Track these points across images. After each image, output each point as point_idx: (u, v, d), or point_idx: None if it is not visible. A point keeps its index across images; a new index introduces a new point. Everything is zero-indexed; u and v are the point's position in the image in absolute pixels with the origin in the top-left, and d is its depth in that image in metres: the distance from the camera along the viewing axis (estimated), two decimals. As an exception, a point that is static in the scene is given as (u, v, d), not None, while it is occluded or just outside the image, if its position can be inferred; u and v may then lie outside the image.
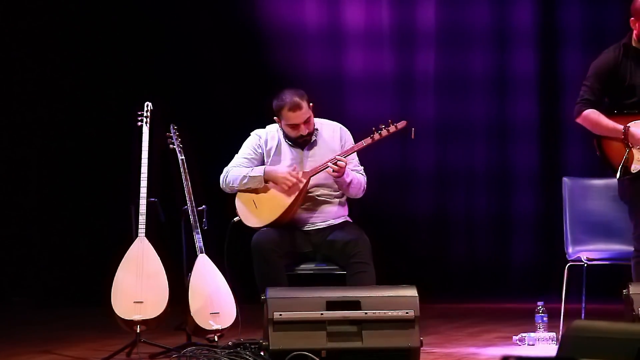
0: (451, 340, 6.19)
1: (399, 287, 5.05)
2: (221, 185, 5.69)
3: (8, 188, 8.43)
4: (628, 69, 5.48)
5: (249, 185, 5.60)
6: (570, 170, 7.94)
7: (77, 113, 8.44)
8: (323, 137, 5.69)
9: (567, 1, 8.53)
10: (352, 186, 5.60)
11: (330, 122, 5.78)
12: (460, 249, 8.66)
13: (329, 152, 5.62)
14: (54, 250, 8.38)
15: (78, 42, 8.42)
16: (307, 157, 5.65)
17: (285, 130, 5.64)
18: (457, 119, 8.64)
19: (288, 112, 5.57)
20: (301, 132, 5.59)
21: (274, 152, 5.67)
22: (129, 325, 5.42)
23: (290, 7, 8.60)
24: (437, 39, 8.62)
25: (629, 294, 5.02)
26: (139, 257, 5.50)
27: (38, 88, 8.41)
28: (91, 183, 8.44)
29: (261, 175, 5.58)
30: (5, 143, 8.41)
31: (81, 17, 8.41)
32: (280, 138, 5.69)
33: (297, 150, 5.67)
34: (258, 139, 5.71)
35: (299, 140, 5.63)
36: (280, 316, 4.91)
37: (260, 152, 5.69)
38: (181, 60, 8.42)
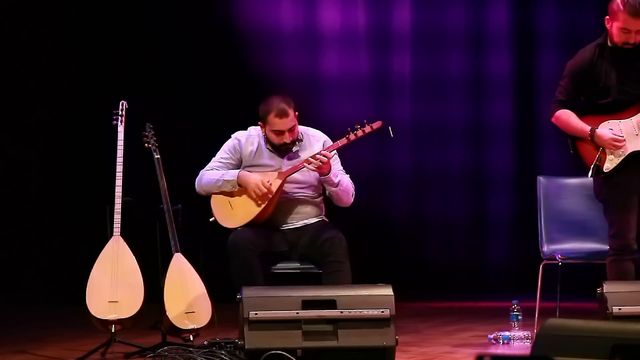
0: (426, 339, 6.21)
1: (375, 286, 5.06)
2: (196, 188, 5.69)
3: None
4: (603, 69, 5.51)
5: (223, 188, 5.60)
6: (546, 170, 7.97)
7: (52, 112, 8.40)
8: (306, 147, 5.68)
9: (543, 3, 8.56)
10: (342, 189, 5.59)
11: (315, 131, 5.76)
12: (436, 248, 8.68)
13: (309, 162, 5.61)
14: (28, 249, 8.34)
15: (53, 41, 8.38)
16: (286, 165, 5.64)
17: (269, 137, 5.62)
18: (433, 120, 8.65)
19: (274, 118, 5.56)
20: (285, 139, 5.59)
21: (252, 157, 5.66)
22: (104, 325, 5.40)
23: (266, 9, 8.59)
24: (413, 41, 8.63)
25: (603, 293, 5.05)
26: (114, 257, 5.48)
27: (9, 88, 8.36)
28: (66, 182, 8.41)
29: (235, 179, 5.58)
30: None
31: (56, 16, 8.37)
32: (260, 142, 5.68)
33: (277, 157, 5.65)
34: (237, 143, 5.69)
35: (282, 147, 5.62)
36: (255, 315, 4.91)
37: (238, 155, 5.68)
38: (157, 60, 8.40)
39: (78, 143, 8.34)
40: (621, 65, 5.50)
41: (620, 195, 5.49)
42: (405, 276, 8.37)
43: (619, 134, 5.45)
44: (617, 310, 4.97)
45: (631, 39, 5.43)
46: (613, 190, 5.51)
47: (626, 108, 5.49)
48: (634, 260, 5.51)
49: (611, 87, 5.51)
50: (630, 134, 5.46)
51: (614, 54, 5.52)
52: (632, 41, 5.43)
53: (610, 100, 5.52)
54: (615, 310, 4.97)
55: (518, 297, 6.03)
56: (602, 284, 5.11)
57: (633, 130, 5.46)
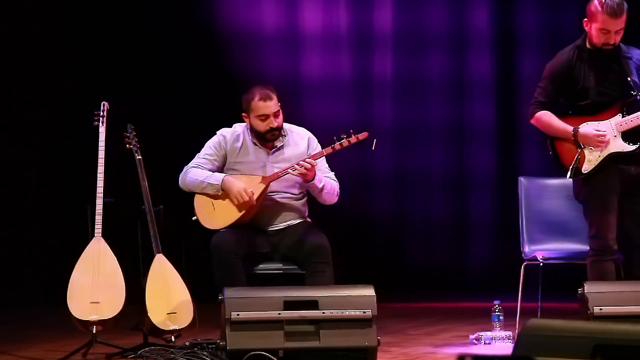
0: (408, 340, 6.21)
1: (357, 287, 5.06)
2: (179, 184, 5.67)
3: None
4: (582, 71, 5.54)
5: (207, 190, 5.59)
6: (526, 171, 7.99)
7: (33, 113, 8.37)
8: (290, 144, 5.68)
9: (524, 4, 8.58)
10: (326, 192, 5.60)
11: (300, 128, 5.76)
12: (418, 249, 8.69)
13: (294, 159, 5.61)
14: (9, 250, 8.30)
15: (33, 43, 8.35)
16: (271, 162, 5.64)
17: (255, 125, 5.60)
18: (414, 121, 8.66)
19: (258, 102, 5.56)
20: (270, 124, 5.57)
21: (237, 153, 5.66)
22: (85, 326, 5.39)
23: (248, 10, 8.59)
24: (395, 42, 8.64)
25: (584, 293, 5.07)
26: (95, 258, 5.47)
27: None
28: (47, 183, 8.38)
29: (218, 184, 5.57)
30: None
31: (36, 18, 8.34)
32: (246, 139, 5.67)
33: (262, 153, 5.64)
34: (222, 139, 5.68)
35: (267, 135, 5.60)
36: (237, 316, 4.91)
37: (223, 152, 5.67)
38: (139, 61, 8.38)
39: (59, 144, 8.32)
40: (599, 67, 5.53)
41: (600, 196, 5.51)
42: (387, 277, 8.39)
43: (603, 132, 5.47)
44: (598, 310, 4.99)
45: (611, 40, 5.45)
46: (593, 191, 5.53)
47: (604, 109, 5.52)
48: (614, 260, 5.53)
49: (590, 89, 5.53)
50: (609, 135, 5.48)
51: (592, 56, 5.54)
52: (611, 42, 5.45)
53: (589, 102, 5.54)
54: (596, 311, 4.99)
55: (499, 297, 6.04)
56: (583, 284, 5.12)
57: (611, 132, 5.48)
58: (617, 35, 5.45)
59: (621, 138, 5.48)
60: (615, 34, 5.44)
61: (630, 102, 5.48)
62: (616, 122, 5.49)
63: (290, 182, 5.64)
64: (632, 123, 5.46)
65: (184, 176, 5.65)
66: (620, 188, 5.51)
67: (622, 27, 5.45)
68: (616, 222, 5.50)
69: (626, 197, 5.53)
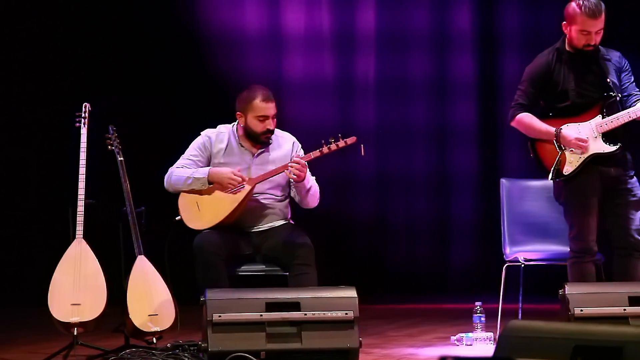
0: (390, 341, 6.22)
1: (339, 288, 5.07)
2: (165, 185, 5.66)
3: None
4: (561, 73, 5.56)
5: (193, 186, 5.58)
6: (508, 172, 8.01)
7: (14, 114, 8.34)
8: (275, 147, 5.68)
9: (506, 6, 8.61)
10: (311, 193, 5.60)
11: (284, 132, 5.77)
12: (400, 251, 8.71)
13: (278, 162, 5.62)
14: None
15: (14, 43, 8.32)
16: (255, 164, 5.64)
17: (251, 125, 5.59)
18: (397, 122, 8.67)
19: (260, 103, 5.55)
20: (268, 126, 5.57)
21: (222, 154, 5.65)
22: (66, 328, 5.37)
23: (231, 11, 8.58)
24: (377, 43, 8.66)
25: (565, 294, 5.09)
26: (77, 259, 5.46)
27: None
28: (29, 184, 8.35)
29: (205, 177, 5.56)
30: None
31: (17, 18, 8.31)
32: (230, 140, 5.66)
33: (247, 155, 5.64)
34: (206, 140, 5.68)
35: (262, 136, 5.59)
36: (219, 317, 4.90)
37: (207, 153, 5.66)
38: (120, 62, 8.36)
39: (40, 145, 8.29)
40: (579, 68, 5.55)
41: (580, 198, 5.54)
42: (369, 278, 8.40)
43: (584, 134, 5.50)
44: (579, 311, 5.01)
45: (592, 41, 5.47)
46: (573, 193, 5.55)
47: (585, 111, 5.54)
48: (594, 262, 5.55)
49: (569, 91, 5.55)
50: (590, 137, 5.51)
51: (571, 58, 5.56)
52: (592, 42, 5.48)
53: (569, 104, 5.56)
54: (577, 312, 5.01)
55: (481, 298, 6.06)
56: (564, 285, 5.14)
57: (592, 133, 5.51)
58: (597, 35, 5.48)
59: (602, 139, 5.51)
60: (596, 34, 5.47)
61: (610, 103, 5.51)
62: (596, 124, 5.51)
63: (274, 183, 5.64)
64: (612, 124, 5.49)
65: (169, 177, 5.63)
66: (600, 190, 5.53)
67: (602, 28, 5.48)
68: (596, 224, 5.53)
69: (607, 199, 5.55)
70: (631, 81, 5.60)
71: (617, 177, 5.54)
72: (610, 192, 5.54)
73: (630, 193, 5.54)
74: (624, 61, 5.61)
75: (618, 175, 5.54)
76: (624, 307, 5.01)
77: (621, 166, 5.55)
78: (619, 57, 5.61)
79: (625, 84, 5.58)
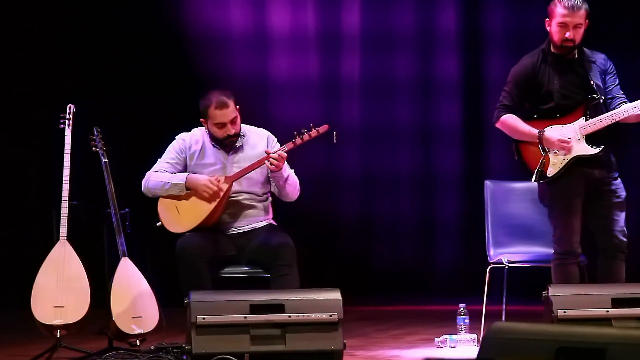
0: (374, 343, 6.23)
1: (323, 290, 5.06)
2: (142, 190, 5.66)
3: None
4: (546, 74, 5.57)
5: (170, 191, 5.58)
6: (493, 173, 8.02)
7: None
8: (249, 144, 5.69)
9: (491, 6, 8.62)
10: (289, 183, 5.60)
11: (258, 129, 5.77)
12: (384, 252, 8.71)
13: (254, 159, 5.62)
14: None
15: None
16: (231, 163, 5.65)
17: (212, 131, 5.62)
18: (381, 122, 8.68)
19: (215, 111, 5.56)
20: (228, 131, 5.58)
21: (197, 156, 5.66)
22: (49, 330, 5.36)
23: (215, 11, 8.57)
24: (362, 43, 8.66)
25: (549, 296, 5.09)
26: (60, 261, 5.44)
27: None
28: (12, 186, 8.32)
29: (183, 183, 5.56)
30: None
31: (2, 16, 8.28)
32: (204, 142, 5.67)
33: (222, 154, 5.66)
34: (182, 143, 5.69)
35: (226, 141, 5.61)
36: (203, 320, 4.90)
37: (184, 156, 5.67)
38: (105, 63, 8.34)
39: (24, 147, 8.26)
40: (563, 70, 5.56)
41: (564, 200, 5.55)
42: (353, 279, 8.40)
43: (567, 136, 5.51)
44: (562, 313, 5.02)
45: (569, 34, 5.47)
46: (557, 195, 5.57)
47: (568, 113, 5.55)
48: (578, 264, 5.57)
49: (554, 92, 5.57)
50: (573, 139, 5.52)
51: (556, 60, 5.57)
52: (570, 37, 5.48)
53: (553, 106, 5.58)
54: (560, 314, 5.02)
55: (465, 300, 6.07)
56: (548, 287, 5.15)
57: (575, 135, 5.52)
58: (576, 31, 5.48)
59: (585, 141, 5.52)
60: (574, 29, 5.48)
61: (594, 105, 5.52)
62: (580, 126, 5.52)
63: (252, 180, 5.64)
64: (596, 126, 5.50)
65: (147, 181, 5.63)
66: (584, 192, 5.54)
67: (581, 24, 5.48)
68: (580, 226, 5.54)
69: (591, 201, 5.56)
70: (616, 84, 5.61)
71: (601, 179, 5.56)
72: (594, 193, 5.56)
73: (614, 194, 5.56)
74: (609, 63, 5.62)
75: (602, 177, 5.56)
76: (607, 308, 5.02)
77: (605, 168, 5.56)
78: (604, 59, 5.62)
79: (609, 86, 5.59)
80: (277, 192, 5.68)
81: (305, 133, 5.53)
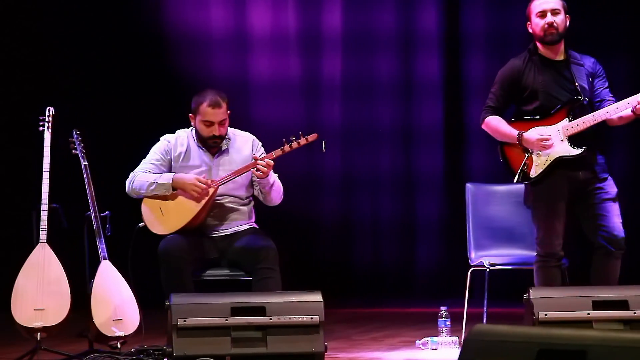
0: (355, 345, 6.22)
1: (304, 293, 5.06)
2: (127, 190, 5.64)
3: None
4: (531, 75, 5.59)
5: (156, 191, 5.56)
6: (474, 175, 8.04)
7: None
8: (235, 147, 5.68)
9: (471, 7, 8.64)
10: (274, 189, 5.60)
11: (243, 132, 5.77)
12: (365, 254, 8.71)
13: (239, 162, 5.62)
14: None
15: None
16: (216, 166, 5.64)
17: (199, 129, 5.60)
18: (363, 123, 8.68)
19: (207, 108, 5.55)
20: (214, 132, 5.57)
21: (182, 158, 5.64)
22: (29, 333, 5.34)
23: (196, 11, 8.56)
24: (344, 43, 8.66)
25: (530, 298, 5.10)
26: (40, 264, 5.42)
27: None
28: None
29: (169, 183, 5.55)
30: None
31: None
32: (190, 143, 5.66)
33: (207, 157, 5.64)
34: (167, 144, 5.67)
35: (210, 141, 5.60)
36: (184, 322, 4.89)
37: (169, 157, 5.66)
38: (84, 64, 8.31)
39: (3, 149, 8.22)
40: (549, 72, 5.58)
41: (547, 202, 5.56)
42: (335, 282, 8.39)
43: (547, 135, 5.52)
44: (543, 315, 5.03)
45: (550, 19, 5.48)
46: (540, 197, 5.58)
47: (552, 114, 5.57)
48: (560, 266, 5.58)
49: (539, 93, 5.58)
50: (556, 140, 5.53)
51: (542, 60, 5.59)
52: (551, 21, 5.48)
53: (537, 106, 5.59)
54: (542, 316, 5.03)
55: (446, 302, 6.07)
56: (529, 289, 5.16)
57: (558, 136, 5.53)
58: (555, 15, 5.49)
59: (567, 142, 5.54)
60: (553, 14, 5.49)
61: (577, 107, 5.54)
62: (563, 127, 5.54)
63: (237, 184, 5.64)
64: (578, 127, 5.51)
65: (132, 182, 5.62)
66: (568, 194, 5.55)
67: (559, 9, 5.49)
68: (563, 229, 5.55)
69: (578, 202, 5.57)
70: (605, 86, 5.60)
71: (586, 180, 5.56)
72: (580, 195, 5.56)
73: (602, 191, 5.53)
74: (598, 67, 5.62)
75: (586, 178, 5.56)
76: (588, 311, 5.04)
77: (589, 170, 5.56)
78: (593, 62, 5.62)
79: (598, 89, 5.60)
80: (262, 197, 5.68)
81: (294, 141, 5.52)
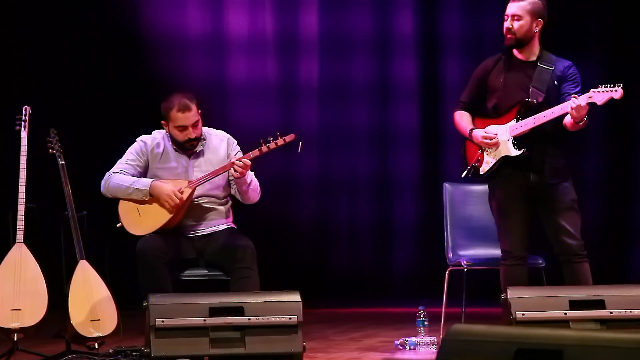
0: (334, 345, 6.23)
1: (283, 293, 5.06)
2: (102, 190, 5.62)
3: None
4: (496, 73, 5.64)
5: (133, 196, 5.56)
6: (450, 176, 8.05)
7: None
8: (210, 147, 5.68)
9: (447, 9, 8.66)
10: (252, 188, 5.60)
11: (218, 131, 5.76)
12: (343, 255, 8.72)
13: (215, 162, 5.61)
14: None
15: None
16: (192, 166, 5.63)
17: (173, 134, 5.60)
18: (340, 126, 8.69)
19: (177, 113, 5.54)
20: (189, 135, 5.57)
21: (159, 160, 5.63)
22: (6, 334, 5.31)
23: (173, 13, 8.54)
24: (321, 46, 8.67)
25: (507, 298, 5.12)
26: (17, 264, 5.39)
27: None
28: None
29: (147, 189, 5.54)
30: None
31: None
32: (166, 145, 5.65)
33: (183, 158, 5.64)
34: (143, 145, 5.66)
35: (186, 144, 5.60)
36: (162, 323, 4.88)
37: (145, 158, 5.65)
38: (61, 64, 8.28)
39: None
40: (513, 71, 5.62)
41: (498, 201, 5.62)
42: (312, 282, 8.40)
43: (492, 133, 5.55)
44: (521, 315, 5.05)
45: (508, 24, 5.52)
46: (493, 196, 5.68)
47: (504, 113, 5.61)
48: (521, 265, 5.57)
49: (497, 91, 5.63)
50: (503, 139, 5.57)
51: (509, 59, 5.63)
52: (509, 26, 5.52)
53: (494, 105, 5.66)
54: (519, 316, 5.05)
55: (424, 302, 6.09)
56: (507, 289, 5.18)
57: (505, 136, 5.57)
58: (514, 20, 5.53)
59: (512, 142, 5.57)
60: (512, 20, 5.53)
61: (527, 108, 5.56)
62: (510, 127, 5.58)
63: (214, 184, 5.64)
64: (522, 128, 5.54)
65: (107, 182, 5.60)
66: (522, 196, 5.55)
67: (520, 16, 5.52)
68: (520, 228, 5.55)
69: (538, 207, 5.59)
70: (572, 92, 5.54)
71: (539, 183, 5.54)
72: (538, 199, 5.58)
73: (557, 199, 5.54)
74: (571, 71, 5.59)
75: (539, 182, 5.54)
76: (565, 311, 5.06)
77: (541, 173, 5.54)
78: (566, 66, 5.59)
79: (563, 93, 5.58)
80: (239, 196, 5.67)
81: (271, 141, 5.51)
